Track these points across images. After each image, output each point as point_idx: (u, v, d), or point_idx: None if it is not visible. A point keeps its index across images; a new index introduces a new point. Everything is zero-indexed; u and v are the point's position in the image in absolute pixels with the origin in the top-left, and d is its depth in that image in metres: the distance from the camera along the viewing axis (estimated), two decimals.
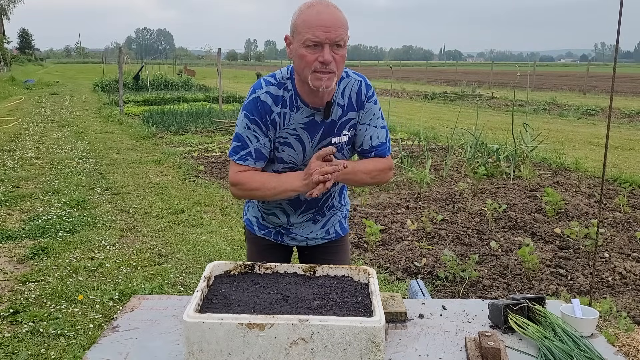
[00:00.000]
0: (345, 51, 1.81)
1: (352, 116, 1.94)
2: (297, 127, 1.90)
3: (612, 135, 11.44)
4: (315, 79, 1.77)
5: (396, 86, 27.62)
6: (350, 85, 1.93)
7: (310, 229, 2.13)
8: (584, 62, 77.17)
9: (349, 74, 1.95)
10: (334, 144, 1.92)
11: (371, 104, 1.95)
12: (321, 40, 1.73)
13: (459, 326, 1.69)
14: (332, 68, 1.76)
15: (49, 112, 15.28)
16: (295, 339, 1.34)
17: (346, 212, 2.25)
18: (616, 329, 3.24)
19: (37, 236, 4.98)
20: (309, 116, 1.89)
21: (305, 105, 1.88)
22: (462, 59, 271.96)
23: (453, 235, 5.11)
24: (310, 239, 2.15)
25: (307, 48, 1.75)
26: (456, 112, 13.55)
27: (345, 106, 1.92)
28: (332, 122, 1.91)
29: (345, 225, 2.24)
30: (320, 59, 1.74)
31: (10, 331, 3.29)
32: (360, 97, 1.93)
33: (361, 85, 1.94)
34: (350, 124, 1.94)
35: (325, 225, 2.15)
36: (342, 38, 1.76)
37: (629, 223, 5.53)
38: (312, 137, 1.92)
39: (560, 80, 34.94)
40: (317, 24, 1.73)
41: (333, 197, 2.12)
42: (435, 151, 9.39)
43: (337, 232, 2.19)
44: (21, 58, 57.50)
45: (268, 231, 2.16)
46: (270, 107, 1.88)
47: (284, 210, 2.07)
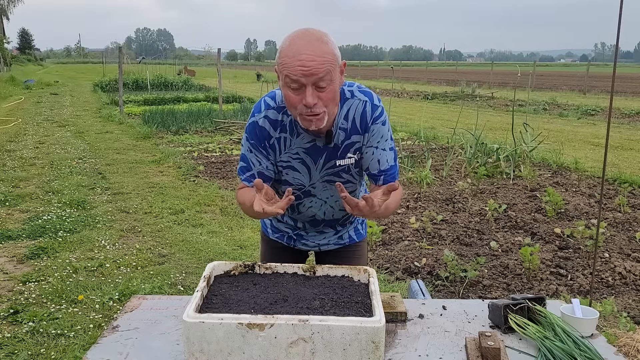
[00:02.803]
0: (333, 87, 1.64)
1: (357, 139, 1.83)
2: (300, 152, 1.83)
3: (612, 135, 11.44)
4: (304, 121, 1.67)
5: (396, 86, 27.61)
6: (354, 107, 1.80)
7: (323, 236, 2.09)
8: (584, 62, 77.18)
9: (353, 94, 1.82)
10: (339, 166, 1.85)
11: (378, 125, 1.82)
12: (302, 82, 1.59)
13: (459, 326, 1.69)
14: (318, 110, 1.63)
15: (49, 112, 15.28)
16: (295, 339, 1.34)
17: (362, 218, 2.17)
18: (616, 329, 3.24)
19: (37, 236, 4.98)
20: (310, 142, 1.81)
21: (305, 132, 1.78)
22: (462, 59, 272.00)
23: (453, 235, 5.11)
24: (322, 245, 2.10)
25: (290, 89, 1.63)
26: (456, 112, 13.55)
27: (348, 129, 1.81)
28: (334, 146, 1.82)
29: (361, 231, 2.16)
30: (303, 102, 1.61)
31: (10, 331, 3.29)
32: (365, 119, 1.80)
33: (366, 107, 1.81)
34: (354, 147, 1.84)
35: (339, 232, 2.11)
36: (325, 75, 1.59)
37: (629, 223, 5.53)
38: (316, 161, 1.85)
39: (560, 80, 34.93)
40: (296, 64, 1.58)
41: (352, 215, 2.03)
42: (435, 151, 9.39)
43: (352, 238, 2.13)
44: (21, 58, 57.53)
45: (281, 235, 2.13)
46: (269, 132, 1.81)
47: (304, 225, 2.06)
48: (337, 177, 1.88)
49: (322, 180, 1.89)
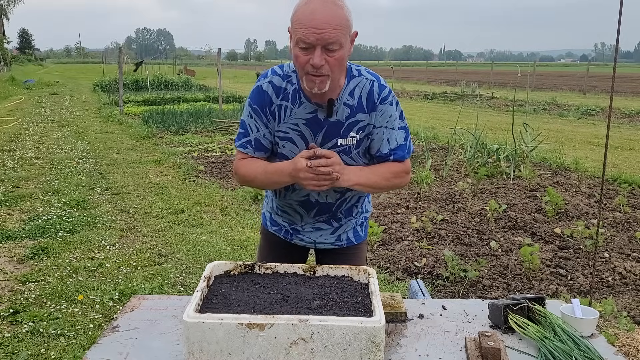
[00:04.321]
0: (341, 53, 1.67)
1: (362, 118, 1.82)
2: (300, 123, 1.82)
3: (612, 135, 11.44)
4: (308, 81, 1.70)
5: (396, 86, 27.60)
6: (361, 85, 1.81)
7: (320, 233, 2.05)
8: (584, 62, 77.17)
9: (361, 73, 1.84)
10: (340, 145, 1.83)
11: (386, 105, 1.82)
12: (312, 42, 1.63)
13: (459, 326, 1.69)
14: (324, 71, 1.66)
15: (49, 112, 15.28)
16: (295, 339, 1.34)
17: (364, 219, 2.13)
18: (616, 329, 3.24)
19: (37, 236, 4.98)
20: (311, 112, 1.81)
21: (307, 101, 1.80)
22: (462, 59, 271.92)
23: (453, 235, 5.11)
24: (318, 242, 2.07)
25: (299, 49, 1.66)
26: (456, 112, 13.55)
27: (354, 106, 1.81)
28: (337, 122, 1.81)
29: (360, 233, 2.13)
30: (311, 62, 1.65)
31: (10, 331, 3.29)
32: (372, 98, 1.81)
33: (373, 86, 1.82)
34: (359, 126, 1.82)
35: (337, 231, 2.06)
36: (336, 40, 1.63)
37: (629, 223, 5.53)
38: (315, 135, 1.83)
39: (560, 80, 34.93)
40: (309, 25, 1.62)
41: (349, 203, 2.00)
42: (435, 151, 9.39)
43: (350, 239, 2.09)
44: (21, 58, 57.51)
45: (279, 228, 2.12)
46: (271, 97, 1.82)
47: (296, 211, 2.01)
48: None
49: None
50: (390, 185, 1.94)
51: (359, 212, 2.08)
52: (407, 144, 1.91)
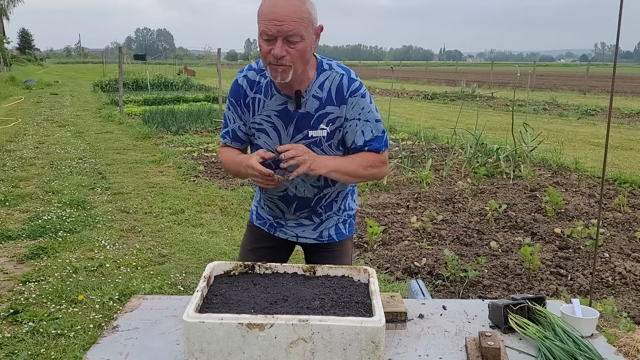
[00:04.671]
0: (303, 45, 1.73)
1: (332, 110, 1.87)
2: (272, 115, 1.90)
3: (612, 135, 11.44)
4: (272, 71, 1.76)
5: (396, 86, 27.61)
6: (331, 78, 1.87)
7: (303, 229, 2.10)
8: (584, 62, 77.19)
9: (332, 67, 1.90)
10: (311, 137, 1.88)
11: (357, 98, 1.88)
12: (273, 33, 1.70)
13: (459, 326, 1.69)
14: (286, 62, 1.72)
15: (49, 112, 15.28)
16: (295, 339, 1.34)
17: (347, 217, 2.16)
18: (616, 329, 3.24)
19: (37, 236, 4.98)
20: (282, 104, 1.88)
21: (278, 92, 1.87)
22: (462, 59, 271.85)
23: (453, 235, 5.11)
24: (300, 236, 2.11)
25: (263, 40, 1.74)
26: (456, 112, 13.55)
27: (323, 99, 1.87)
28: (307, 114, 1.87)
29: (343, 230, 2.15)
30: (272, 52, 1.72)
31: (10, 331, 3.29)
32: (341, 91, 1.87)
33: (343, 79, 1.88)
34: (328, 118, 1.88)
35: (319, 228, 2.10)
36: (296, 32, 1.70)
37: (629, 223, 5.53)
38: (287, 126, 1.89)
39: (560, 80, 34.93)
40: (271, 17, 1.69)
41: (328, 199, 2.04)
42: (435, 151, 9.39)
43: (331, 236, 2.12)
44: (21, 58, 57.50)
45: (263, 222, 2.17)
46: (246, 90, 1.92)
47: (277, 206, 2.07)
48: None
49: None
50: (368, 175, 1.97)
51: (340, 209, 2.12)
52: (383, 137, 1.96)
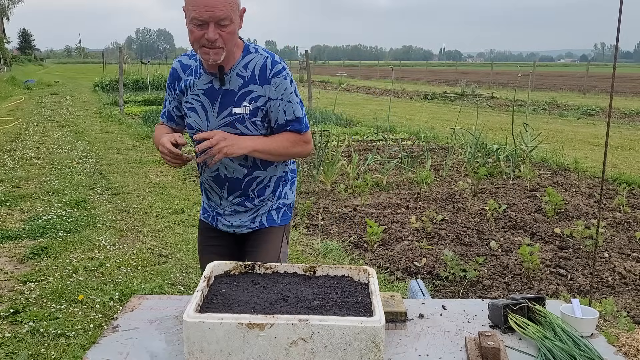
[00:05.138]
0: (233, 27, 1.87)
1: (254, 89, 1.98)
2: (200, 94, 2.03)
3: (612, 135, 11.44)
4: (203, 53, 1.88)
5: (396, 86, 27.61)
6: (255, 60, 2.00)
7: (239, 217, 2.16)
8: (584, 62, 77.13)
9: (257, 50, 2.02)
10: (235, 114, 1.99)
11: (280, 79, 1.99)
12: (205, 19, 1.81)
13: (459, 326, 1.69)
14: (219, 44, 1.86)
15: (49, 112, 15.28)
16: (296, 339, 1.35)
17: (282, 205, 2.21)
18: (616, 329, 3.25)
19: (38, 236, 4.99)
20: (208, 83, 2.01)
21: (205, 72, 2.01)
22: (461, 59, 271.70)
23: (453, 235, 5.11)
24: (235, 226, 2.17)
25: (194, 25, 1.84)
26: (456, 112, 13.55)
27: (247, 78, 1.98)
28: (231, 91, 1.99)
29: (275, 217, 2.20)
30: (206, 36, 1.83)
31: (10, 331, 3.29)
32: (265, 71, 1.98)
33: (267, 61, 1.99)
34: (251, 97, 1.98)
35: (253, 214, 2.17)
36: (227, 16, 1.83)
37: (629, 223, 5.54)
38: (213, 104, 2.01)
39: (560, 80, 34.92)
40: (201, 3, 1.80)
41: (260, 183, 2.12)
42: (435, 151, 9.39)
43: (262, 223, 2.18)
44: (21, 58, 57.48)
45: (207, 215, 2.25)
46: (179, 74, 2.09)
47: (213, 188, 2.15)
48: (232, 128, 1.99)
49: (219, 129, 2.00)
50: (291, 153, 2.08)
51: (274, 196, 2.18)
52: (304, 119, 2.09)
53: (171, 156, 1.93)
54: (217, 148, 1.88)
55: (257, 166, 2.09)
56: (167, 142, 1.94)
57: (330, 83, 32.60)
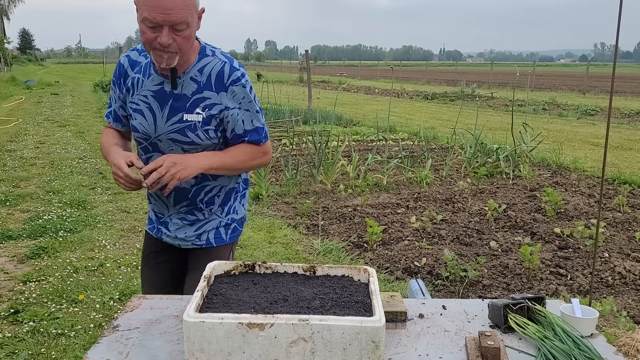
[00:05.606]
0: (189, 31, 1.72)
1: (209, 96, 1.85)
2: (148, 95, 1.88)
3: (612, 135, 11.44)
4: (156, 56, 1.74)
5: (396, 86, 27.61)
6: (212, 64, 1.86)
7: (185, 230, 2.04)
8: (584, 62, 77.13)
9: (215, 54, 1.88)
10: (186, 121, 1.85)
11: (239, 87, 1.87)
12: (159, 22, 1.67)
13: (459, 326, 1.69)
14: (172, 49, 1.72)
15: (49, 112, 15.28)
16: (296, 339, 1.35)
17: (231, 221, 2.09)
18: (616, 329, 3.25)
19: (38, 236, 4.99)
20: (158, 84, 1.87)
21: (155, 72, 1.86)
22: (461, 59, 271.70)
23: (453, 235, 5.12)
24: (180, 238, 2.06)
25: (146, 26, 1.70)
26: (456, 112, 13.55)
27: (202, 83, 1.85)
28: (183, 95, 1.85)
29: (223, 236, 2.07)
30: (158, 40, 1.69)
31: (10, 331, 3.30)
32: (221, 78, 1.85)
33: (225, 67, 1.86)
34: (205, 104, 1.85)
35: (200, 229, 2.04)
36: (183, 20, 1.69)
37: (629, 223, 5.54)
38: (162, 107, 1.87)
39: (560, 80, 34.92)
40: (155, 5, 1.65)
41: (209, 193, 2.01)
42: (435, 151, 9.39)
43: (209, 241, 2.05)
44: (22, 58, 57.51)
45: (152, 226, 2.14)
46: (126, 70, 1.92)
47: (159, 196, 2.02)
48: (182, 135, 1.86)
49: (168, 135, 1.88)
50: (249, 166, 1.98)
51: (223, 211, 2.06)
52: (263, 128, 1.98)
53: (126, 180, 1.80)
54: (169, 175, 1.75)
55: (206, 176, 1.96)
56: (123, 164, 1.79)
57: (330, 83, 32.60)
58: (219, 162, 1.88)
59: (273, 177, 7.34)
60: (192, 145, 1.89)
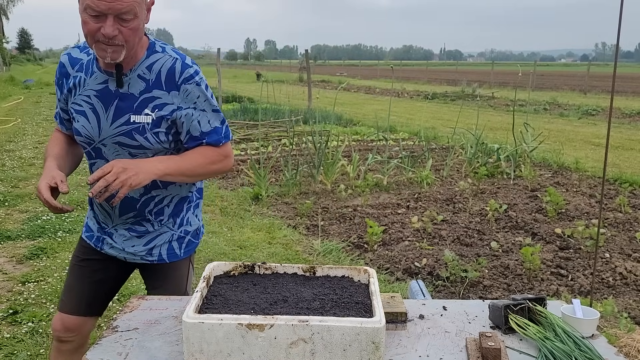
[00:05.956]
0: (137, 22, 1.58)
1: (159, 95, 1.72)
2: (92, 95, 1.74)
3: (613, 135, 11.44)
4: (99, 50, 1.60)
5: (396, 86, 27.61)
6: (162, 61, 1.73)
7: (133, 243, 1.89)
8: (585, 62, 77.16)
9: (165, 50, 1.75)
10: (133, 122, 1.71)
11: (192, 85, 1.73)
12: (103, 10, 1.52)
13: (460, 327, 1.68)
14: (118, 41, 1.57)
15: (48, 112, 15.28)
16: (295, 340, 1.34)
17: (184, 233, 1.95)
18: (617, 330, 3.24)
19: (37, 236, 4.98)
20: (102, 83, 1.72)
21: (99, 70, 1.72)
22: (462, 58, 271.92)
23: (453, 236, 5.11)
24: (128, 252, 1.90)
25: (89, 16, 1.55)
26: (456, 112, 13.55)
27: (151, 81, 1.71)
28: (130, 95, 1.71)
29: (177, 251, 1.94)
30: (102, 31, 1.55)
31: (9, 331, 3.29)
32: (172, 76, 1.72)
33: (176, 64, 1.72)
34: (155, 104, 1.71)
35: (150, 243, 1.90)
36: (130, 9, 1.54)
37: (630, 223, 5.53)
38: (107, 108, 1.72)
39: (561, 80, 34.93)
40: None
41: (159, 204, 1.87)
42: (435, 151, 9.38)
43: (161, 256, 1.91)
44: (20, 58, 57.55)
45: (90, 234, 1.96)
46: (67, 69, 1.79)
47: (102, 205, 1.87)
48: (129, 139, 1.73)
49: (113, 139, 1.74)
50: (209, 172, 1.83)
51: (175, 223, 1.92)
52: (222, 128, 1.83)
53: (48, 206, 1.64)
54: (119, 182, 1.57)
55: (156, 184, 1.81)
56: (44, 188, 1.62)
57: (330, 82, 32.61)
58: (175, 166, 1.72)
59: (273, 177, 7.34)
60: (141, 150, 1.75)
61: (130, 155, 1.76)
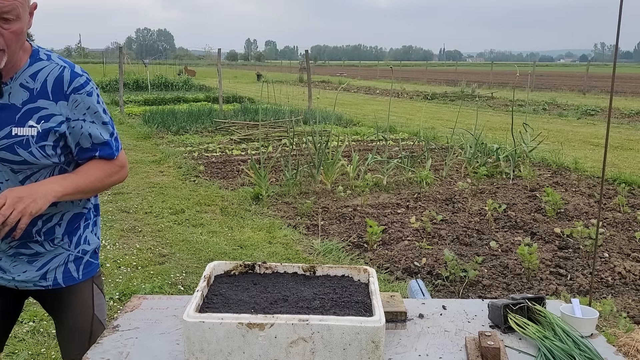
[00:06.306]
0: (20, 25, 1.47)
1: (46, 105, 1.58)
2: None
3: (612, 136, 11.45)
4: None
5: (396, 86, 27.62)
6: (48, 69, 1.60)
7: (24, 268, 1.70)
8: (584, 62, 77.14)
9: (51, 58, 1.63)
10: (16, 136, 1.56)
11: (82, 95, 1.62)
12: None
13: (459, 326, 1.69)
14: None
15: None
16: (296, 339, 1.35)
17: (82, 253, 1.79)
18: (616, 329, 3.24)
19: None
20: None
21: None
22: (461, 59, 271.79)
23: (453, 235, 5.11)
24: (19, 281, 1.70)
25: None
26: (456, 112, 13.55)
27: (35, 90, 1.58)
28: (12, 106, 1.57)
29: (74, 273, 1.76)
30: None
31: None
32: (60, 85, 1.60)
33: (64, 72, 1.61)
34: (40, 115, 1.58)
35: (44, 267, 1.71)
36: (12, 9, 1.43)
37: (629, 223, 5.54)
38: None
39: (560, 81, 34.93)
40: None
41: (49, 222, 1.70)
42: (435, 151, 9.39)
43: (56, 281, 1.73)
44: None
45: None
46: None
47: None
48: (11, 154, 1.57)
49: None
50: (106, 185, 1.73)
51: (72, 243, 1.76)
52: (113, 141, 1.73)
53: None
54: (17, 213, 1.45)
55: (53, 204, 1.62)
56: None
57: (330, 83, 32.61)
58: (73, 185, 1.61)
59: (273, 177, 7.34)
60: (25, 165, 1.59)
61: (13, 172, 1.61)
